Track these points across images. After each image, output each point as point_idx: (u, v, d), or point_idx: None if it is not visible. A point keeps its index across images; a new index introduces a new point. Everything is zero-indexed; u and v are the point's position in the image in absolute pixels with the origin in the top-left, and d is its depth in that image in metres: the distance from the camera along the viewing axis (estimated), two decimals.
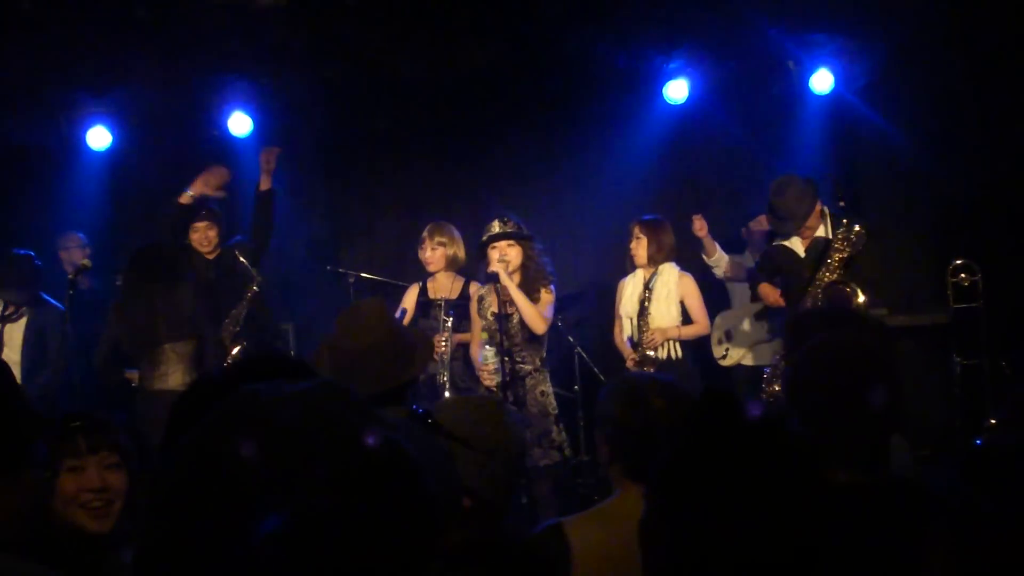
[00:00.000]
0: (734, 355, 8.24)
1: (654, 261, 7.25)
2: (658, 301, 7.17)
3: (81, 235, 8.73)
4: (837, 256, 6.75)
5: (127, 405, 7.01)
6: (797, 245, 7.08)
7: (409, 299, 7.32)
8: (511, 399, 6.47)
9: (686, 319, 7.26)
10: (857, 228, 6.79)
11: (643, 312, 7.20)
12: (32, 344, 7.63)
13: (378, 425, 1.56)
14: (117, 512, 2.83)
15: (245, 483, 1.47)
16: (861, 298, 6.55)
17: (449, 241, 7.26)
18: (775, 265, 7.22)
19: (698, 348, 7.72)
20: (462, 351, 7.06)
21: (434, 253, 7.24)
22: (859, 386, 2.55)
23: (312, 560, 1.41)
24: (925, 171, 8.77)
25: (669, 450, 1.88)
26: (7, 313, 7.68)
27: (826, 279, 6.74)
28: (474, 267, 7.27)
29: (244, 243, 7.57)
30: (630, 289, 7.36)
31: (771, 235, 7.35)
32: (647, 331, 7.14)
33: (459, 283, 7.29)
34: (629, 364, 7.17)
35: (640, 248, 7.25)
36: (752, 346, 8.07)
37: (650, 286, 7.21)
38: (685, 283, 7.30)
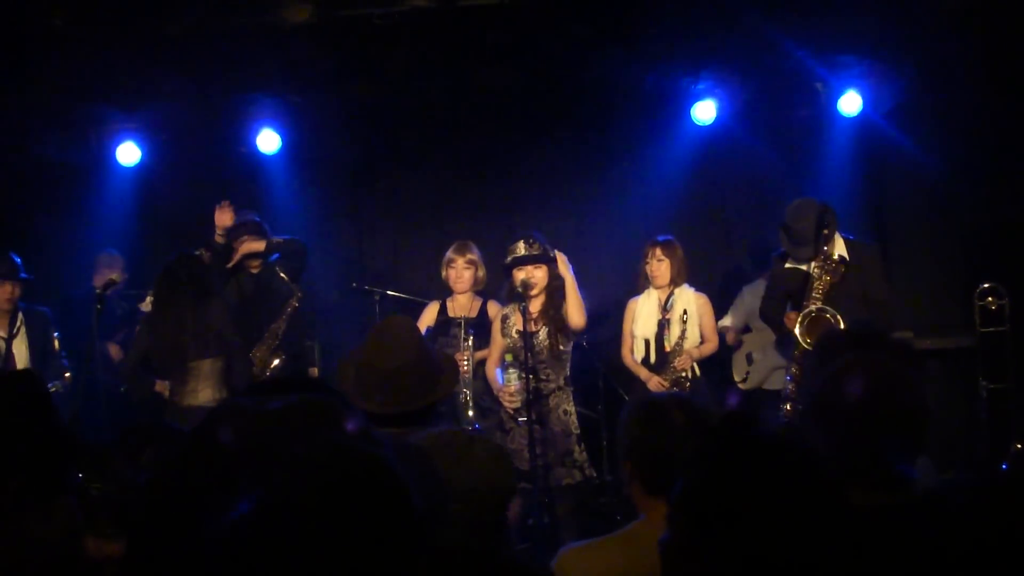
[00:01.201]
0: (755, 378, 8.21)
1: (675, 282, 7.28)
2: (691, 323, 7.19)
3: (113, 251, 8.78)
4: (818, 285, 6.73)
5: (157, 417, 7.05)
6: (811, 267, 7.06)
7: (428, 317, 7.33)
8: (534, 417, 6.47)
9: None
10: (836, 258, 6.76)
11: (663, 333, 7.21)
12: (39, 352, 7.66)
13: (363, 440, 1.56)
14: None
15: (223, 476, 1.48)
16: (842, 326, 6.51)
17: (478, 261, 7.29)
18: (786, 290, 7.18)
19: (711, 368, 7.74)
20: (482, 370, 7.07)
21: (465, 272, 7.25)
22: (886, 408, 2.53)
23: (277, 547, 1.41)
24: (952, 194, 8.74)
25: (689, 471, 1.88)
26: (14, 331, 7.66)
27: (811, 307, 6.72)
28: (493, 287, 7.29)
29: (284, 260, 7.62)
30: (646, 309, 7.36)
31: (782, 255, 7.28)
32: (679, 354, 7.15)
33: (478, 303, 7.32)
34: (654, 386, 7.16)
35: (663, 269, 7.27)
36: (773, 370, 8.04)
37: (669, 307, 7.22)
38: (702, 303, 7.37)
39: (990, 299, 8.22)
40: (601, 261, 9.19)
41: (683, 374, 7.17)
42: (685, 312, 7.19)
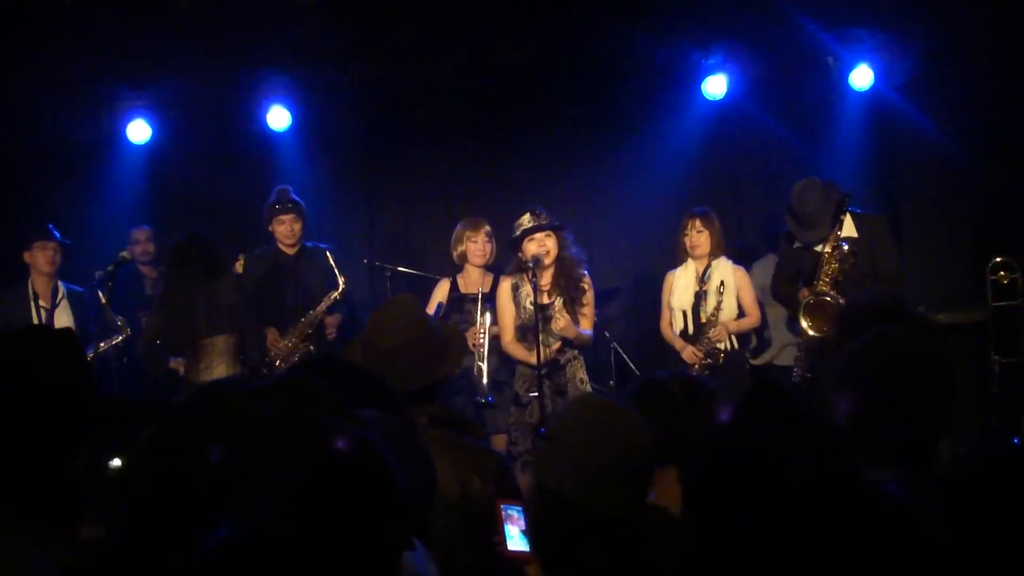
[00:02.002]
0: (766, 355, 8.22)
1: (713, 254, 7.30)
2: (726, 296, 7.22)
3: (146, 227, 8.82)
4: (827, 270, 6.75)
5: (172, 393, 7.10)
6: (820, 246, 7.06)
7: (440, 294, 7.34)
8: (551, 388, 6.50)
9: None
10: (846, 248, 6.77)
11: (700, 304, 7.23)
12: (82, 320, 7.74)
13: (348, 422, 1.56)
14: None
15: (204, 485, 1.48)
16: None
17: (492, 234, 7.31)
18: (795, 269, 7.19)
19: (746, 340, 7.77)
20: (498, 344, 7.07)
21: (487, 245, 7.31)
22: (914, 385, 2.51)
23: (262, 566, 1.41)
24: (965, 168, 8.70)
25: (712, 441, 1.88)
26: (56, 302, 7.77)
27: (808, 297, 6.76)
28: (500, 263, 7.30)
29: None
30: (683, 281, 7.38)
31: (788, 235, 7.28)
32: (715, 324, 7.17)
33: (489, 278, 7.33)
34: (688, 357, 7.21)
35: (703, 240, 7.30)
36: (784, 346, 8.04)
37: (707, 278, 7.24)
38: (740, 276, 7.39)
39: (1002, 273, 8.19)
40: (612, 235, 9.19)
41: (718, 345, 7.19)
42: (722, 283, 7.21)
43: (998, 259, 8.19)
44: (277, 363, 7.36)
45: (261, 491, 1.46)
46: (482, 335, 6.85)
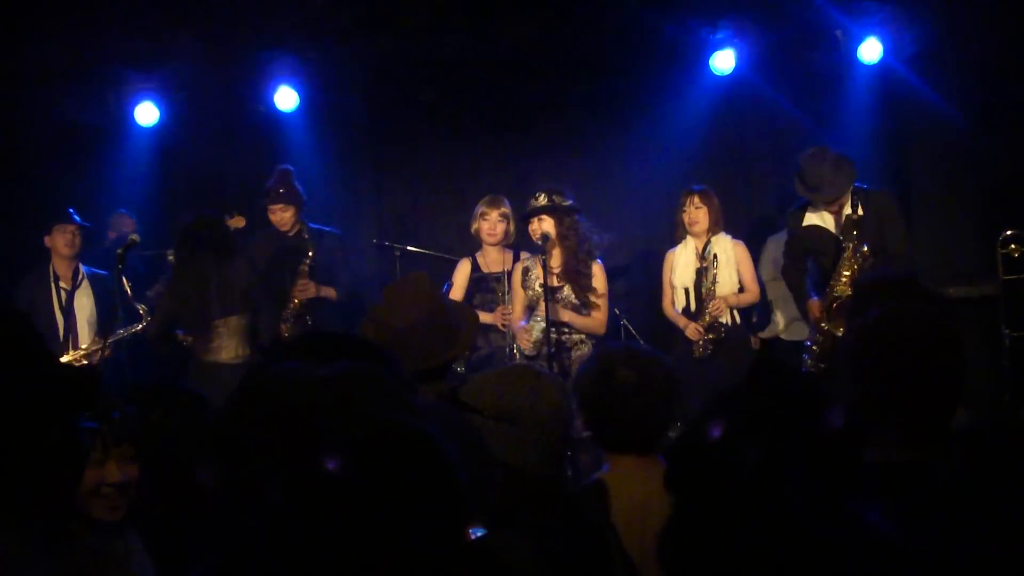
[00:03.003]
0: (772, 328, 8.21)
1: (712, 231, 7.31)
2: (721, 269, 7.21)
3: (123, 210, 8.86)
4: (848, 270, 6.75)
5: (180, 369, 7.12)
6: (830, 224, 7.04)
7: (461, 274, 7.33)
8: (556, 369, 6.51)
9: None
10: (865, 250, 6.76)
11: (701, 281, 7.24)
12: (104, 302, 7.77)
13: (407, 413, 1.56)
14: (129, 502, 2.91)
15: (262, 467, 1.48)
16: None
17: (510, 214, 7.29)
18: (805, 248, 7.17)
19: (746, 316, 7.76)
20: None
21: (499, 225, 7.26)
22: (928, 363, 2.48)
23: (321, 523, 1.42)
24: (975, 141, 8.66)
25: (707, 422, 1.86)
26: (77, 283, 7.81)
27: (835, 294, 6.75)
28: (520, 240, 7.30)
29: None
30: (683, 259, 7.40)
31: (799, 210, 7.26)
32: (713, 300, 7.17)
33: (509, 256, 7.31)
34: (691, 334, 7.23)
35: (701, 216, 7.31)
36: (792, 320, 8.03)
37: (707, 255, 7.24)
38: (740, 251, 7.41)
39: (1013, 246, 8.15)
40: (622, 212, 9.17)
41: (719, 319, 7.20)
42: (715, 256, 7.21)
43: (1008, 232, 8.16)
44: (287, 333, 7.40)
45: (320, 484, 1.47)
46: (510, 313, 6.88)
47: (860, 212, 6.77)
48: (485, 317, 6.97)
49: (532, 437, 2.68)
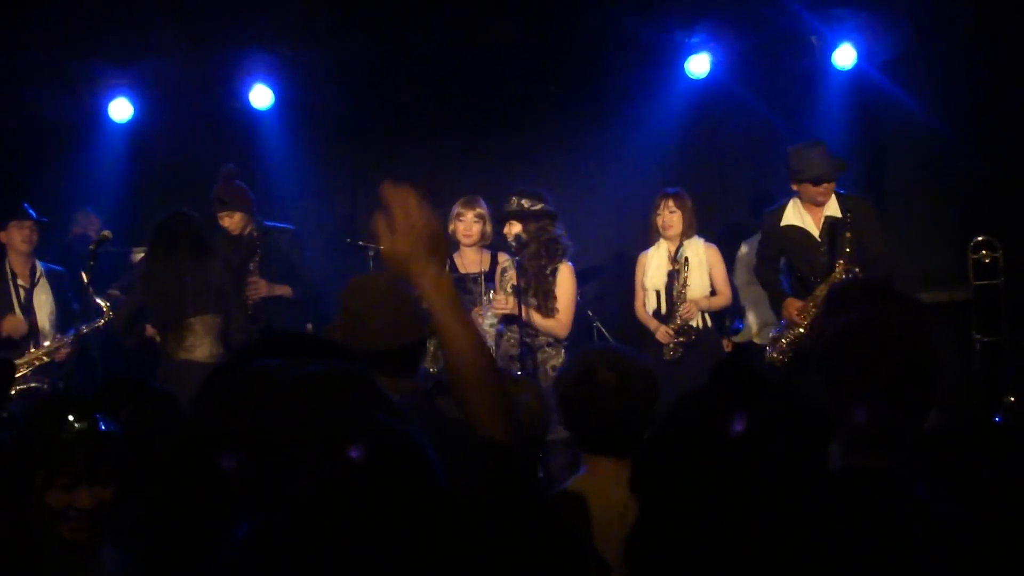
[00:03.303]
0: (746, 332, 8.24)
1: (686, 234, 7.34)
2: (693, 272, 7.24)
3: (89, 209, 8.81)
4: (848, 237, 6.75)
5: (147, 365, 7.08)
6: (810, 224, 7.06)
7: None
8: (520, 371, 6.52)
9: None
10: (857, 271, 6.77)
11: (673, 284, 7.27)
12: (62, 299, 7.75)
13: (388, 413, 1.54)
14: (100, 525, 2.76)
15: (238, 478, 1.46)
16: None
17: (486, 215, 7.25)
18: (780, 247, 7.19)
19: (718, 319, 7.81)
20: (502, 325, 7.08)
21: (474, 226, 7.21)
22: (902, 366, 2.48)
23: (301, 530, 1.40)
24: (947, 147, 8.73)
25: (672, 421, 1.86)
26: (35, 280, 7.75)
27: (841, 268, 6.75)
28: (497, 241, 7.30)
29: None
30: (655, 261, 7.43)
31: (776, 211, 7.28)
32: (683, 303, 7.21)
33: (487, 256, 7.28)
34: (662, 336, 7.26)
35: (675, 220, 7.34)
36: (764, 325, 8.06)
37: (679, 258, 7.27)
38: (712, 254, 7.45)
39: (984, 252, 8.23)
40: (596, 214, 9.18)
41: (691, 323, 7.25)
42: (686, 260, 7.24)
43: (980, 238, 8.23)
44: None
45: (296, 487, 1.46)
46: (489, 315, 6.88)
47: (849, 215, 6.78)
48: None
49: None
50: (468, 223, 7.19)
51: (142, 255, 7.64)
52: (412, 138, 9.63)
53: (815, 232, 7.02)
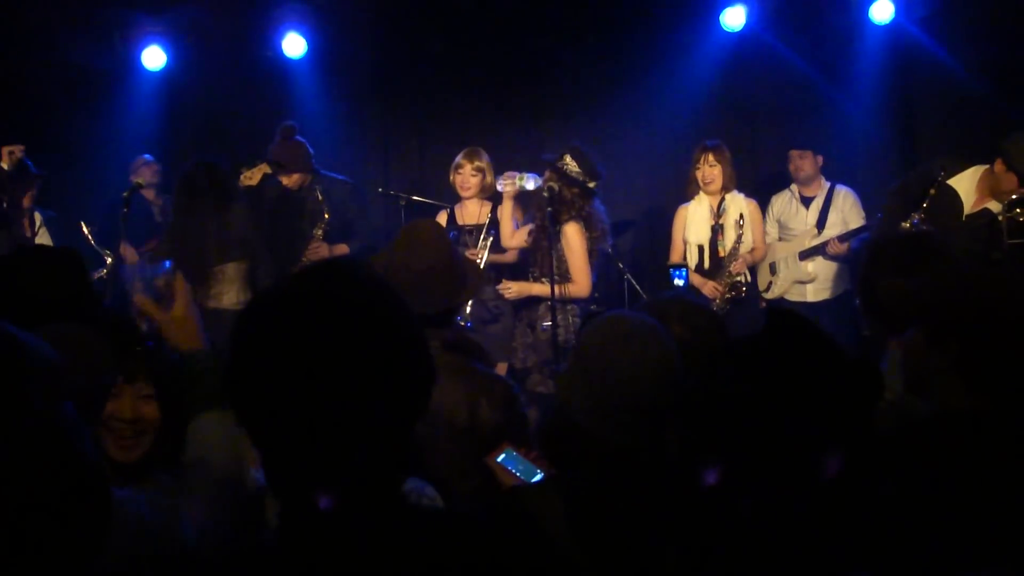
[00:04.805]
0: (776, 289, 8.21)
1: (726, 188, 7.31)
2: (746, 227, 7.26)
3: (148, 156, 8.80)
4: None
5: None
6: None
7: None
8: (526, 320, 6.62)
9: None
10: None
11: (716, 239, 7.26)
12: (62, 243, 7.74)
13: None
14: (146, 445, 2.78)
15: None
16: None
17: (486, 168, 7.20)
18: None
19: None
20: (493, 274, 7.09)
21: (472, 179, 7.18)
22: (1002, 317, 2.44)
23: None
24: (983, 103, 8.63)
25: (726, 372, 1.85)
26: (35, 231, 7.76)
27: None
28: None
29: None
30: (698, 215, 7.39)
31: None
32: (735, 258, 7.22)
33: (487, 208, 7.27)
34: (709, 292, 7.25)
35: (715, 174, 7.31)
36: (794, 283, 8.03)
37: (722, 212, 7.25)
38: (753, 209, 7.46)
39: (1018, 210, 8.14)
40: (629, 167, 9.14)
41: (739, 279, 7.26)
42: (741, 216, 7.24)
43: (1014, 196, 8.14)
44: None
45: None
46: (480, 259, 6.86)
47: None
48: None
49: (613, 403, 2.48)
50: (466, 176, 7.17)
51: None
52: (444, 88, 9.60)
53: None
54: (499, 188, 6.77)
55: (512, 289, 6.70)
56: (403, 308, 1.72)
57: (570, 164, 6.59)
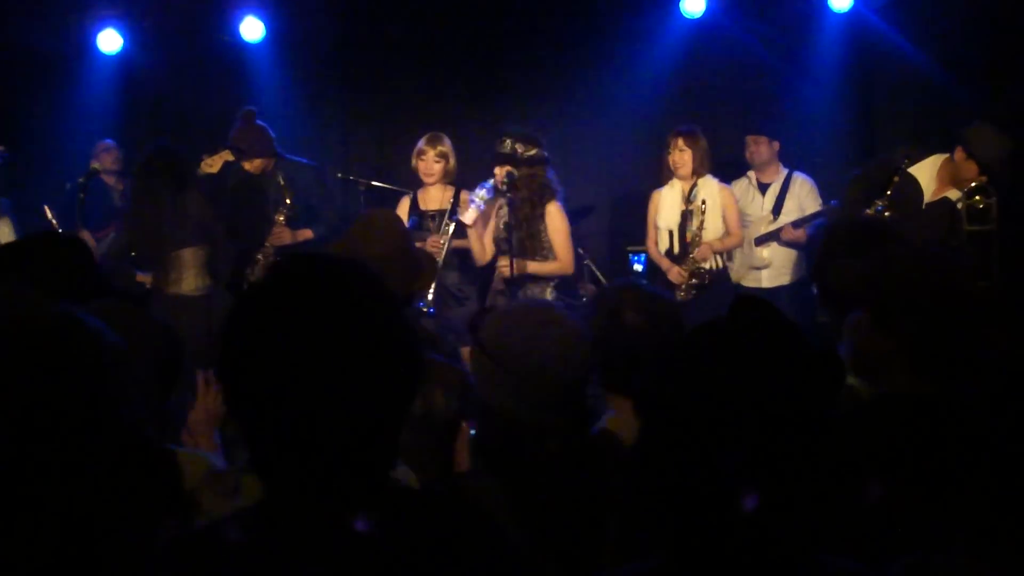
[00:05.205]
0: (732, 275, 8.20)
1: (697, 173, 7.29)
2: (709, 215, 7.23)
3: (109, 140, 8.72)
4: None
5: (147, 301, 7.07)
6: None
7: (402, 211, 7.28)
8: (511, 299, 6.57)
9: None
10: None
11: (686, 224, 7.25)
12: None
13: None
14: None
15: None
16: None
17: (449, 153, 7.20)
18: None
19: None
20: (456, 259, 7.09)
21: (435, 165, 7.18)
22: (945, 297, 2.49)
23: None
24: (942, 91, 8.67)
25: (676, 357, 1.82)
26: None
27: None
28: (471, 178, 7.20)
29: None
30: (669, 200, 7.39)
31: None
32: (698, 244, 7.21)
33: (449, 192, 7.27)
34: (674, 277, 7.26)
35: (685, 159, 7.29)
36: (750, 269, 8.06)
37: (692, 198, 7.25)
38: (726, 195, 7.41)
39: (977, 198, 8.18)
40: (588, 153, 9.14)
41: (704, 265, 7.23)
42: (704, 202, 7.22)
43: (974, 184, 8.18)
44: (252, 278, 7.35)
45: None
46: (443, 246, 6.86)
47: None
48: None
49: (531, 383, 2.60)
50: (429, 162, 7.17)
51: None
52: (403, 72, 9.56)
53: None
54: (466, 221, 6.75)
55: (505, 267, 6.70)
56: (388, 293, 1.76)
57: (517, 147, 6.65)
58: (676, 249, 7.36)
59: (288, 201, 7.39)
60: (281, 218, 7.41)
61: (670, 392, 1.73)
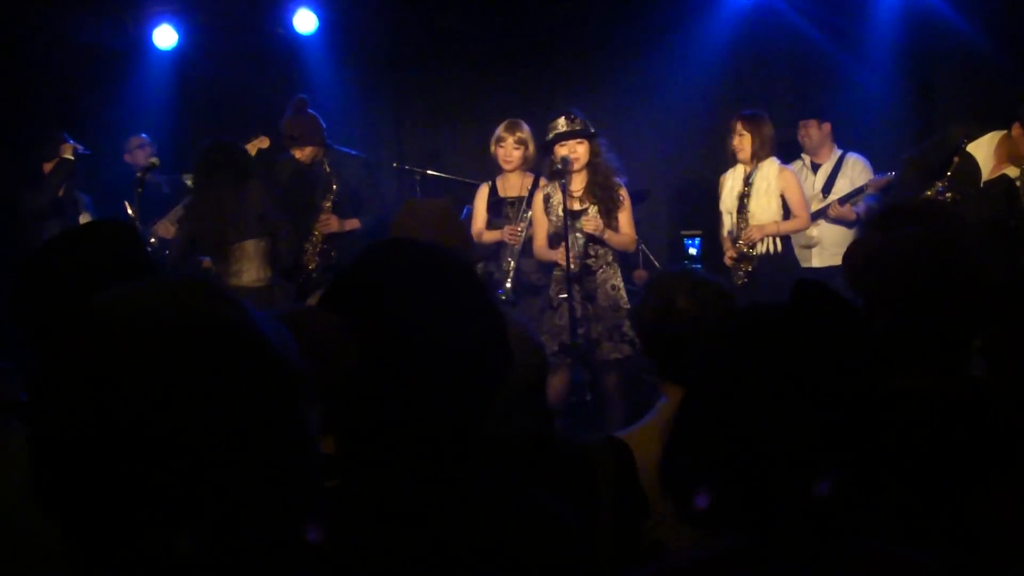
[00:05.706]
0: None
1: (757, 156, 7.23)
2: (758, 196, 7.17)
3: (144, 136, 8.82)
4: None
5: None
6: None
7: (481, 199, 7.31)
8: (582, 292, 6.58)
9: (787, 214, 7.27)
10: None
11: (742, 208, 7.22)
12: None
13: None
14: None
15: None
16: None
17: (528, 139, 7.19)
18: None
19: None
20: (531, 246, 7.09)
21: (515, 151, 7.17)
22: (942, 286, 2.41)
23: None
24: (998, 67, 8.57)
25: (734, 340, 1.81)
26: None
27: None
28: (539, 164, 7.25)
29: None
30: (729, 184, 7.36)
31: None
32: (746, 227, 7.18)
33: (529, 179, 7.25)
34: (726, 260, 7.26)
35: (744, 144, 7.23)
36: (799, 248, 8.01)
37: (750, 181, 7.21)
38: (786, 177, 7.28)
39: None
40: (643, 139, 9.12)
41: (751, 250, 7.18)
42: (751, 185, 7.20)
43: None
44: (311, 267, 7.42)
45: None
46: (520, 233, 6.92)
47: None
48: (493, 235, 7.13)
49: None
50: (508, 148, 7.16)
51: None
52: (456, 63, 9.59)
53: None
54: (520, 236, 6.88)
55: (591, 224, 6.76)
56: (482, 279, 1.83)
57: (571, 124, 6.67)
58: (735, 232, 7.34)
59: (334, 187, 7.46)
60: (327, 204, 7.47)
61: (732, 376, 1.72)
